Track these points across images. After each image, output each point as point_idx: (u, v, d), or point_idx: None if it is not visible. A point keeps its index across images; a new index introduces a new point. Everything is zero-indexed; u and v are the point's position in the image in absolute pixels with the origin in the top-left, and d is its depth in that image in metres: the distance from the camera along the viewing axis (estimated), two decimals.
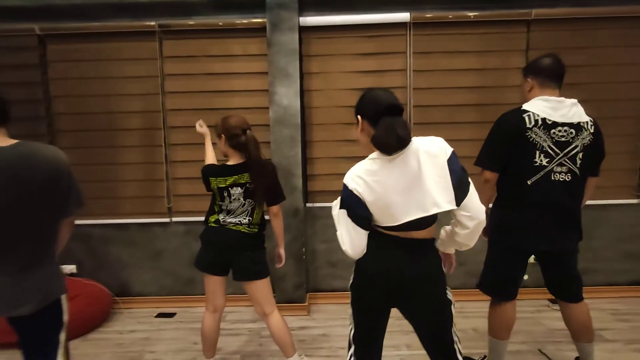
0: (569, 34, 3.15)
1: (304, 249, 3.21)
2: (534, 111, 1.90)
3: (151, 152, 3.34)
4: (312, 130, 3.32)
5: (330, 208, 1.59)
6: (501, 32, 3.17)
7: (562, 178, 1.92)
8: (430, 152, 1.40)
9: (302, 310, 3.17)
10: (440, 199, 1.38)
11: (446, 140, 1.47)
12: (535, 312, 3.05)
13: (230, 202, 2.10)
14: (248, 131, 2.08)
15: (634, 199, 3.27)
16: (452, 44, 3.20)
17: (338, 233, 1.50)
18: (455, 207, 1.41)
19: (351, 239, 1.46)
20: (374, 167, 1.41)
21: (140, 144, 3.34)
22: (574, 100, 1.93)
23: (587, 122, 1.92)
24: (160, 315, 3.20)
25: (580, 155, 1.92)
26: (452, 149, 1.44)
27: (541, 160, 1.90)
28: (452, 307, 1.52)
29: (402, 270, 1.44)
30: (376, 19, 3.13)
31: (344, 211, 1.45)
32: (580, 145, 1.91)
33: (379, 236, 1.47)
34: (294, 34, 3.05)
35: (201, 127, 2.52)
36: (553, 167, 1.91)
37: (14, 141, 1.50)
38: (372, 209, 1.42)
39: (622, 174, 3.27)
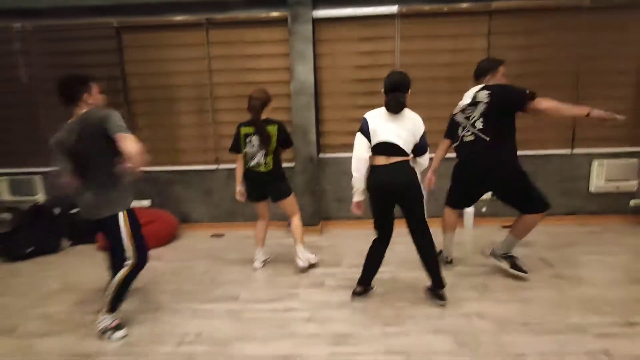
0: (522, 21, 4.05)
1: (317, 187, 4.32)
2: (460, 102, 2.95)
3: (201, 116, 4.42)
4: (323, 99, 4.34)
5: (338, 158, 2.85)
6: (469, 20, 4.07)
7: (469, 139, 2.88)
8: (415, 122, 2.53)
9: (316, 231, 4.32)
10: (404, 146, 2.49)
11: (426, 105, 2.65)
12: (488, 233, 4.13)
13: (251, 148, 3.09)
14: (254, 100, 3.03)
15: (568, 149, 4.26)
16: (431, 30, 4.12)
17: (354, 152, 2.56)
18: (410, 155, 2.53)
19: (360, 149, 2.55)
20: (382, 113, 2.54)
21: (193, 110, 4.42)
22: (480, 87, 2.84)
23: (482, 97, 2.78)
24: (214, 235, 4.40)
25: (480, 120, 2.80)
26: (424, 127, 2.52)
27: (462, 130, 2.93)
28: (424, 200, 2.60)
29: (394, 180, 2.53)
30: (372, 12, 4.07)
31: (360, 133, 2.55)
32: (477, 114, 2.82)
33: (377, 166, 2.56)
34: (309, 25, 4.01)
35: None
36: (465, 134, 2.91)
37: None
38: (370, 129, 2.51)
39: (560, 130, 4.23)
